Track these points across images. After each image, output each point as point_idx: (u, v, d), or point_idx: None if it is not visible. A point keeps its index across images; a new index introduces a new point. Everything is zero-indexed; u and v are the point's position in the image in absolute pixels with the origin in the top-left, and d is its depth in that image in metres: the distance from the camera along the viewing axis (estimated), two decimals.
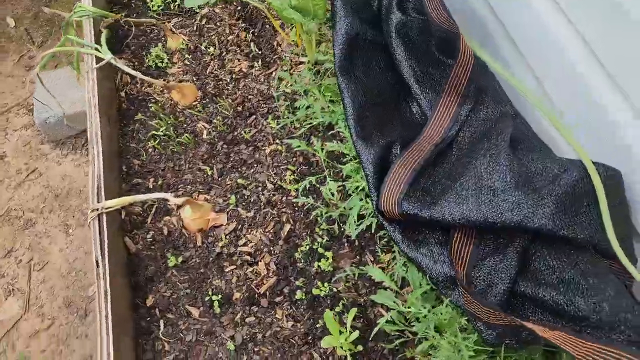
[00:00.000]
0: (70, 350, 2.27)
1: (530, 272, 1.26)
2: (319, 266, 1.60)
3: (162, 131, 1.89)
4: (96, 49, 1.90)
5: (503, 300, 1.24)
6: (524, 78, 1.56)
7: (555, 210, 1.19)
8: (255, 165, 1.82)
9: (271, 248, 1.65)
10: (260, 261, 1.63)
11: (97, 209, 1.54)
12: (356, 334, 1.43)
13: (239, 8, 2.24)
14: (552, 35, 1.37)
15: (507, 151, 1.33)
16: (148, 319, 1.55)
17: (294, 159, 1.82)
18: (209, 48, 2.13)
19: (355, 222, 1.59)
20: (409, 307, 1.36)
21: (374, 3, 1.92)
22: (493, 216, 1.25)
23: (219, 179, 1.80)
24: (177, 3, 2.29)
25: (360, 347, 1.45)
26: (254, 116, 1.94)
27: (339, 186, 1.69)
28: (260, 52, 2.10)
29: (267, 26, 2.17)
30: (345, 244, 1.65)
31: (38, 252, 2.52)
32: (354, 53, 1.72)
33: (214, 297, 1.56)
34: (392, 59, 1.78)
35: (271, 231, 1.68)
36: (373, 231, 1.60)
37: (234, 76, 2.05)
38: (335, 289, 1.56)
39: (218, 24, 2.21)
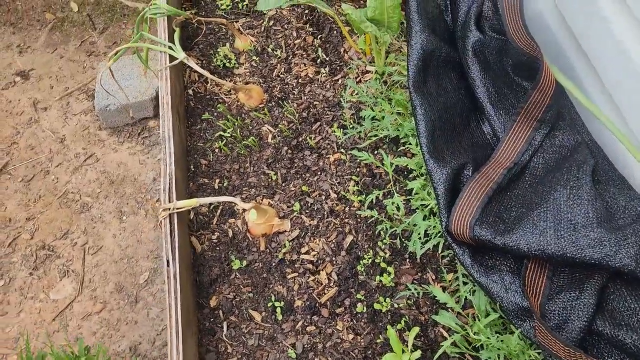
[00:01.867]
0: (120, 335, 2.34)
1: (607, 312, 1.25)
2: (380, 280, 1.62)
3: (229, 132, 1.92)
4: (170, 47, 1.93)
5: (578, 338, 1.23)
6: (600, 103, 1.54)
7: (639, 251, 1.18)
8: (319, 173, 1.84)
9: (333, 258, 1.67)
10: (322, 270, 1.65)
11: (169, 209, 1.57)
12: (418, 353, 1.44)
13: (306, 11, 2.25)
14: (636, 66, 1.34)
15: (590, 185, 1.31)
16: (212, 319, 1.59)
17: (358, 169, 1.83)
18: (276, 51, 2.15)
19: (420, 240, 1.60)
20: (475, 333, 1.36)
21: (447, 17, 1.90)
22: (572, 251, 1.24)
23: (283, 185, 1.83)
24: (245, 3, 2.30)
25: None
26: (319, 123, 1.95)
27: (402, 201, 1.70)
28: (327, 59, 2.10)
29: (335, 32, 2.18)
30: (407, 260, 1.65)
31: (92, 237, 2.59)
32: (427, 69, 1.71)
33: (276, 304, 1.59)
34: (464, 77, 1.77)
35: (334, 241, 1.70)
36: (438, 250, 1.60)
37: (300, 81, 2.06)
38: (396, 305, 1.58)
39: (285, 26, 2.22)
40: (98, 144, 2.88)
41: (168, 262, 1.50)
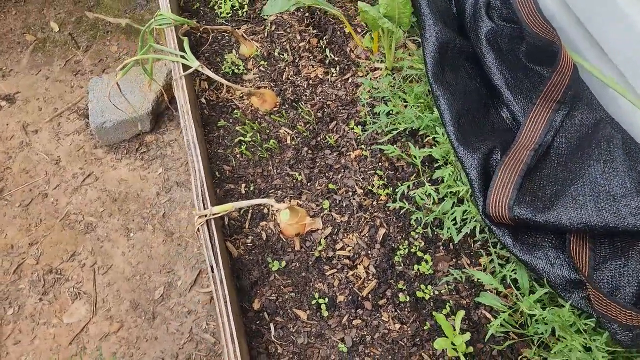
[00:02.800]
0: (141, 353, 2.29)
1: None
2: (418, 269, 1.64)
3: (248, 137, 1.92)
4: (182, 57, 1.92)
5: (632, 302, 1.28)
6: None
7: None
8: (342, 170, 1.86)
9: (369, 252, 1.69)
10: (359, 265, 1.67)
11: (205, 215, 1.56)
12: (468, 335, 1.47)
13: (306, 14, 2.27)
14: None
15: (623, 157, 1.38)
16: (257, 322, 1.58)
17: (380, 163, 1.86)
18: (282, 54, 2.16)
19: (455, 226, 1.63)
20: (529, 309, 1.40)
21: (453, 9, 1.96)
22: (614, 221, 1.29)
23: (308, 184, 1.84)
24: (244, 10, 2.31)
25: (470, 349, 1.50)
26: (335, 122, 1.97)
27: (433, 189, 1.73)
28: (334, 59, 2.13)
29: (338, 33, 2.21)
30: (441, 247, 1.69)
31: (101, 256, 2.53)
32: (444, 60, 1.76)
33: (320, 301, 1.60)
34: (478, 66, 1.83)
35: (367, 235, 1.72)
36: (475, 235, 1.64)
37: (310, 82, 2.08)
38: (438, 292, 1.61)
39: (288, 30, 2.24)
40: (95, 163, 2.82)
41: (212, 268, 1.49)
